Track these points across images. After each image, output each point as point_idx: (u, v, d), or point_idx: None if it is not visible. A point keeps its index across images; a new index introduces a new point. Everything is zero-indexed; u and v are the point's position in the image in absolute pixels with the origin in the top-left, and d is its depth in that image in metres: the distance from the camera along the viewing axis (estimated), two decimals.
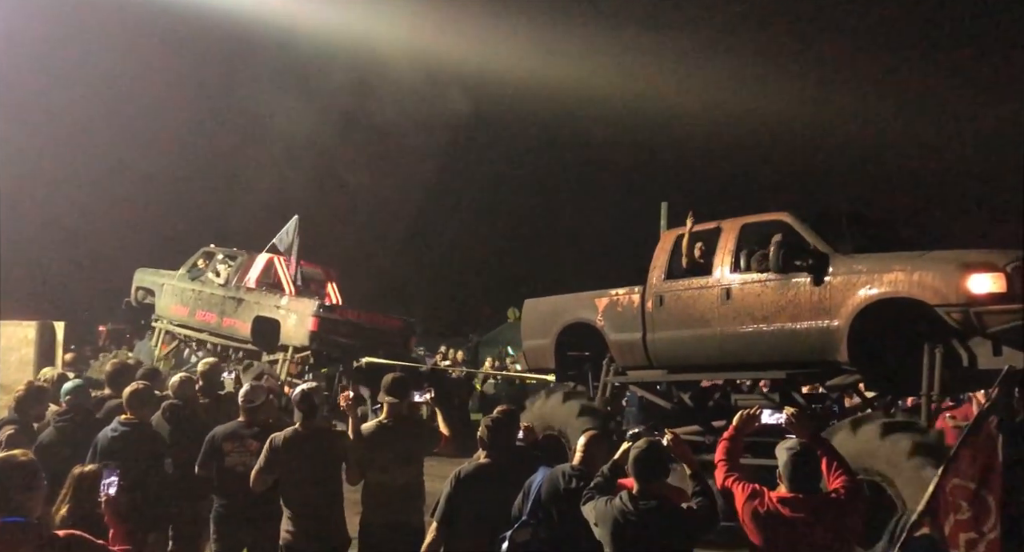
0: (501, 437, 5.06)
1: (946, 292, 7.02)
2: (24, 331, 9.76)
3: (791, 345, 7.99)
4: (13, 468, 3.38)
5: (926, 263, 7.29)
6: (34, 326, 9.81)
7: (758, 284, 8.22)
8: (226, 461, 5.75)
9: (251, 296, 14.68)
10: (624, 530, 4.20)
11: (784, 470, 4.26)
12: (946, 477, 4.25)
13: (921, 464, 6.54)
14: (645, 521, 4.19)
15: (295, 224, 14.30)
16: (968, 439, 4.32)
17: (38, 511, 3.40)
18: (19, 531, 3.26)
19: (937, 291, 7.07)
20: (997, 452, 4.22)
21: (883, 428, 6.93)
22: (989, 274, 6.91)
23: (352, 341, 13.96)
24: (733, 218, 8.81)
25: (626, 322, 9.32)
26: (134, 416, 5.95)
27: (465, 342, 19.89)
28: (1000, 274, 6.87)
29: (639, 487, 4.30)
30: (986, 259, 7.06)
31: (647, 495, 4.26)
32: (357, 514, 5.52)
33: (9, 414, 6.73)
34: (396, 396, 5.56)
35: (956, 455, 4.30)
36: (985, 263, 7.00)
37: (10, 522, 3.26)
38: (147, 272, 17.24)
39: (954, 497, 4.24)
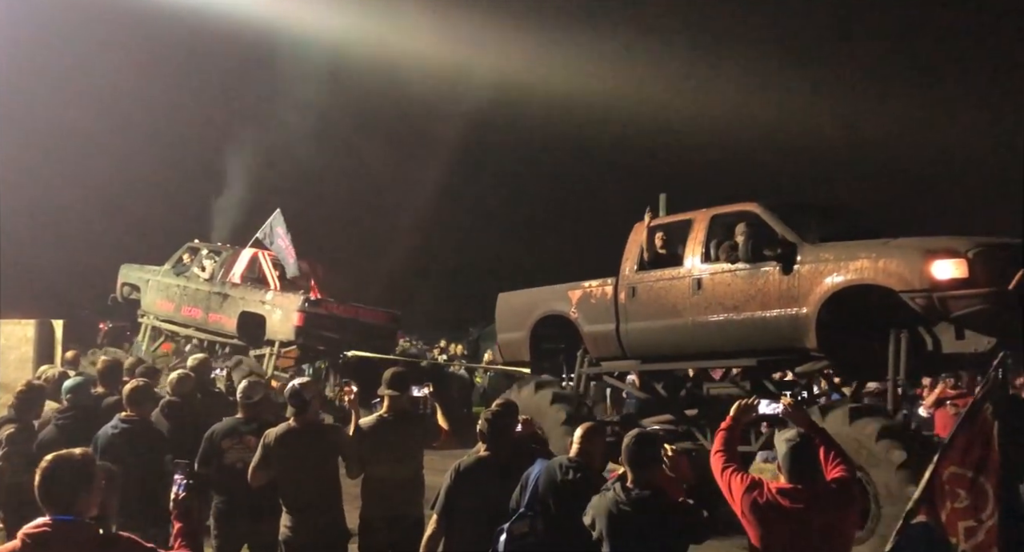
0: (500, 430, 5.11)
1: (910, 278, 7.24)
2: (23, 329, 9.59)
3: (761, 333, 8.18)
4: (69, 466, 3.33)
5: (891, 250, 7.52)
6: (33, 324, 9.65)
7: (728, 274, 8.41)
8: (225, 458, 5.74)
9: (236, 291, 14.64)
10: (618, 520, 4.22)
11: (783, 461, 4.23)
12: (942, 464, 4.28)
13: (888, 447, 6.78)
14: (639, 510, 4.21)
15: (279, 217, 14.22)
16: (964, 426, 4.34)
17: (92, 510, 3.35)
18: (71, 530, 3.23)
19: (902, 277, 7.29)
20: (993, 439, 4.23)
21: (851, 413, 7.15)
22: (951, 260, 7.13)
23: (338, 335, 13.97)
24: (703, 209, 8.99)
25: (599, 313, 9.45)
26: (134, 413, 5.91)
27: (465, 336, 19.88)
28: (962, 260, 7.09)
29: (632, 476, 4.32)
30: (948, 245, 7.30)
31: (640, 484, 4.28)
32: (357, 508, 5.56)
33: (8, 413, 6.65)
34: (396, 390, 5.60)
35: (952, 442, 4.33)
36: (947, 249, 7.22)
37: (62, 520, 3.22)
38: (132, 268, 17.09)
39: (951, 485, 4.25)
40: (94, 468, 3.43)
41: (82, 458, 3.40)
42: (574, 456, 4.82)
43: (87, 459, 3.42)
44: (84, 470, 3.37)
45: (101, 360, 8.23)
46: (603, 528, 4.26)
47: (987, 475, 4.23)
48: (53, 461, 3.33)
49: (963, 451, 4.31)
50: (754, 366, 8.57)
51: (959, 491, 4.27)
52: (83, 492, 3.32)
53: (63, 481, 3.29)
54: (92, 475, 3.39)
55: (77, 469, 3.34)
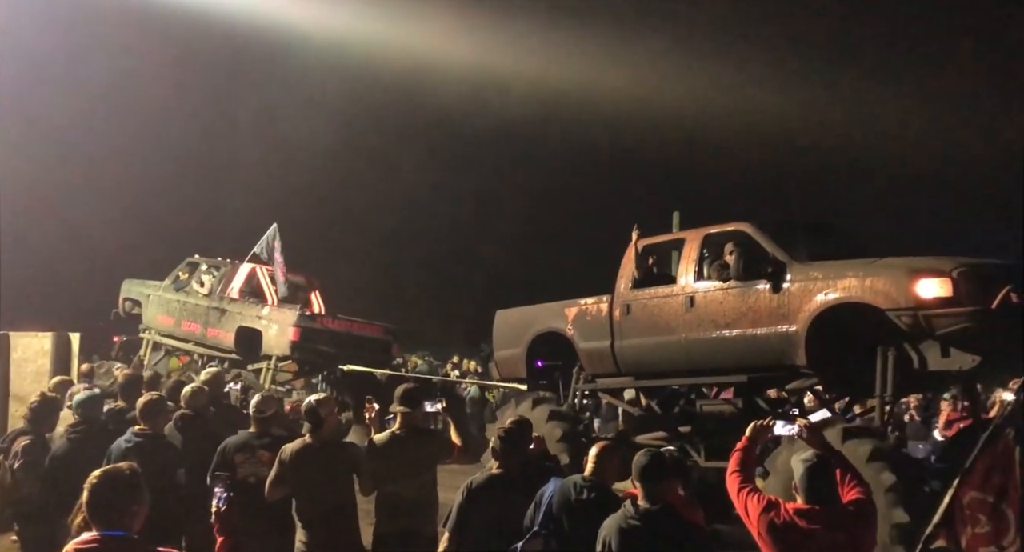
0: (513, 448, 5.21)
1: (896, 297, 7.42)
2: (40, 342, 9.62)
3: (752, 350, 8.35)
4: (118, 481, 3.35)
5: (878, 269, 7.70)
6: (50, 337, 9.69)
7: (720, 292, 8.59)
8: (238, 472, 5.81)
9: (234, 306, 14.73)
10: (628, 535, 4.29)
11: (800, 482, 4.28)
12: (962, 489, 4.26)
13: (878, 469, 6.85)
14: (648, 524, 4.29)
15: (274, 232, 14.34)
16: (984, 451, 4.32)
17: (138, 526, 3.36)
18: (120, 545, 3.25)
19: (888, 296, 7.47)
20: (1015, 464, 4.21)
21: (843, 433, 7.23)
22: (936, 279, 7.32)
23: (333, 349, 14.06)
24: (696, 229, 9.21)
25: (595, 330, 9.62)
26: (147, 427, 5.99)
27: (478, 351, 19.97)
28: (947, 279, 7.27)
29: (643, 493, 4.41)
30: (934, 265, 7.49)
31: (650, 500, 4.36)
32: (371, 524, 5.65)
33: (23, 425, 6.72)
34: (408, 406, 5.68)
35: (972, 467, 4.32)
36: (933, 269, 7.42)
37: (110, 535, 3.24)
38: (134, 283, 17.18)
39: (971, 510, 4.24)
40: (142, 483, 3.44)
41: (130, 473, 3.42)
42: (588, 475, 4.90)
43: (135, 474, 3.43)
44: (133, 485, 3.39)
45: (121, 374, 8.31)
46: (614, 544, 4.33)
47: (1008, 501, 4.20)
48: (103, 476, 3.36)
49: (983, 476, 4.30)
50: (745, 383, 8.74)
51: (980, 516, 4.26)
52: (132, 507, 3.34)
53: (113, 496, 3.31)
54: (141, 490, 3.41)
55: (127, 484, 3.36)
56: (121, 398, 7.28)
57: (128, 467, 3.48)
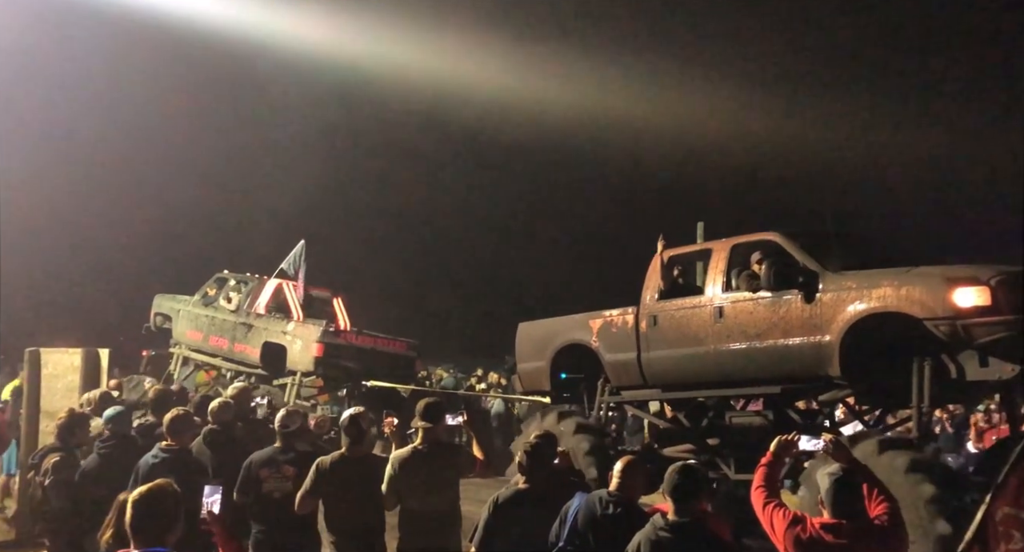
0: (539, 462, 5.13)
1: (933, 306, 7.28)
2: (70, 358, 9.69)
3: (784, 361, 8.21)
4: (161, 499, 3.41)
5: (913, 278, 7.56)
6: (79, 353, 9.76)
7: (750, 302, 8.44)
8: (263, 487, 5.80)
9: (260, 321, 14.83)
10: (660, 548, 4.21)
11: (826, 496, 4.24)
12: (995, 504, 4.18)
13: (917, 481, 6.72)
14: (679, 537, 4.21)
15: (302, 249, 14.43)
16: (1017, 466, 4.25)
17: (174, 541, 3.42)
18: None
19: (925, 305, 7.33)
20: None
21: (880, 445, 7.10)
22: (974, 288, 7.18)
23: (357, 365, 14.10)
24: (723, 239, 9.07)
25: (620, 342, 9.50)
26: (175, 442, 5.99)
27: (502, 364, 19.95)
28: (985, 287, 7.14)
29: (675, 508, 4.34)
30: (971, 273, 7.35)
31: (681, 514, 4.29)
32: (395, 539, 5.59)
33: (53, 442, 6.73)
34: (430, 421, 5.63)
35: (1004, 482, 4.24)
36: (970, 277, 7.28)
37: None
38: (164, 298, 17.40)
39: (1005, 526, 4.15)
40: (181, 501, 3.51)
41: (172, 491, 3.48)
42: (614, 490, 4.84)
43: (176, 491, 3.50)
44: (175, 502, 3.45)
45: (153, 389, 8.33)
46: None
47: None
48: (147, 494, 3.42)
49: (1016, 492, 4.21)
50: (778, 394, 8.58)
51: (1014, 533, 4.18)
52: (174, 524, 3.41)
53: (157, 514, 3.37)
54: (181, 507, 3.48)
55: (170, 502, 3.43)
56: (152, 413, 7.29)
57: (168, 484, 3.53)
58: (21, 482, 9.33)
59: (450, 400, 13.66)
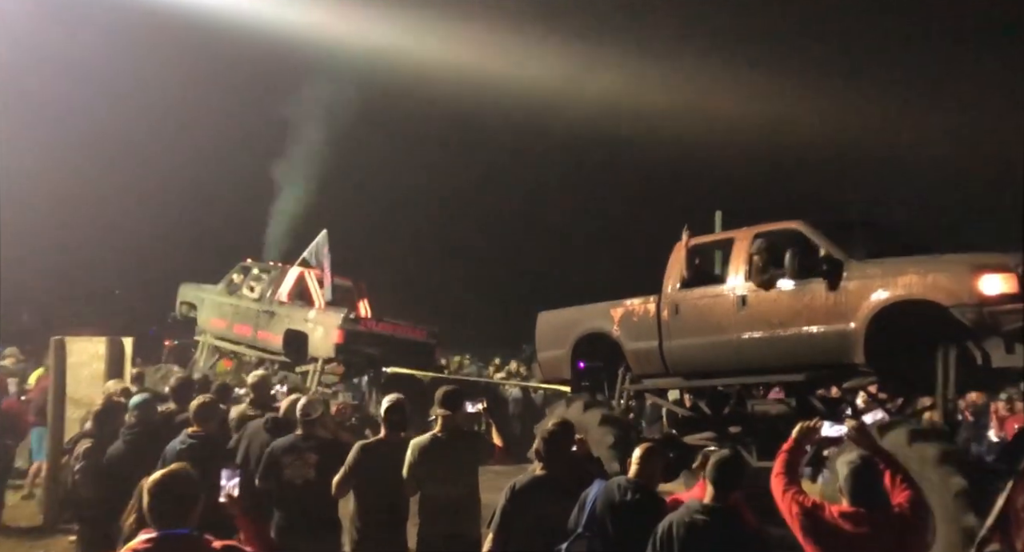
0: (557, 449, 5.13)
1: (960, 293, 7.23)
2: (94, 347, 9.83)
3: (808, 348, 8.16)
4: (178, 482, 3.46)
5: (939, 265, 7.52)
6: (104, 342, 9.90)
7: (774, 291, 8.42)
8: (285, 474, 5.85)
9: (282, 309, 14.95)
10: (696, 529, 4.18)
11: (845, 484, 4.19)
12: (1016, 491, 4.13)
13: (947, 473, 6.65)
14: (716, 520, 4.19)
15: (324, 238, 14.53)
16: None
17: (195, 523, 3.46)
18: (184, 543, 3.35)
19: (951, 292, 7.28)
20: None
21: (910, 435, 7.01)
22: (1001, 275, 7.13)
23: (377, 352, 14.19)
24: (746, 227, 9.00)
25: (642, 331, 9.47)
26: (201, 429, 6.05)
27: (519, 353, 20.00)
28: (1012, 275, 7.09)
29: (714, 494, 4.31)
30: (998, 261, 7.28)
31: (719, 500, 4.27)
32: (415, 525, 5.64)
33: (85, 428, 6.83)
34: (449, 408, 5.66)
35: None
36: (997, 264, 7.22)
37: (175, 534, 3.34)
38: (190, 287, 17.61)
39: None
40: (197, 482, 3.55)
41: (187, 473, 3.53)
42: (632, 476, 4.85)
43: (191, 474, 3.54)
44: (192, 484, 3.50)
45: (175, 377, 8.43)
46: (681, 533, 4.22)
47: None
48: (164, 478, 3.47)
49: None
50: (801, 381, 8.52)
51: None
52: (192, 506, 3.44)
53: (174, 497, 3.42)
54: (198, 489, 3.52)
55: (186, 484, 3.48)
56: (173, 401, 7.34)
57: (183, 467, 3.59)
58: (49, 468, 9.48)
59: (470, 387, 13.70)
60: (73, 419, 8.97)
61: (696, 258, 9.43)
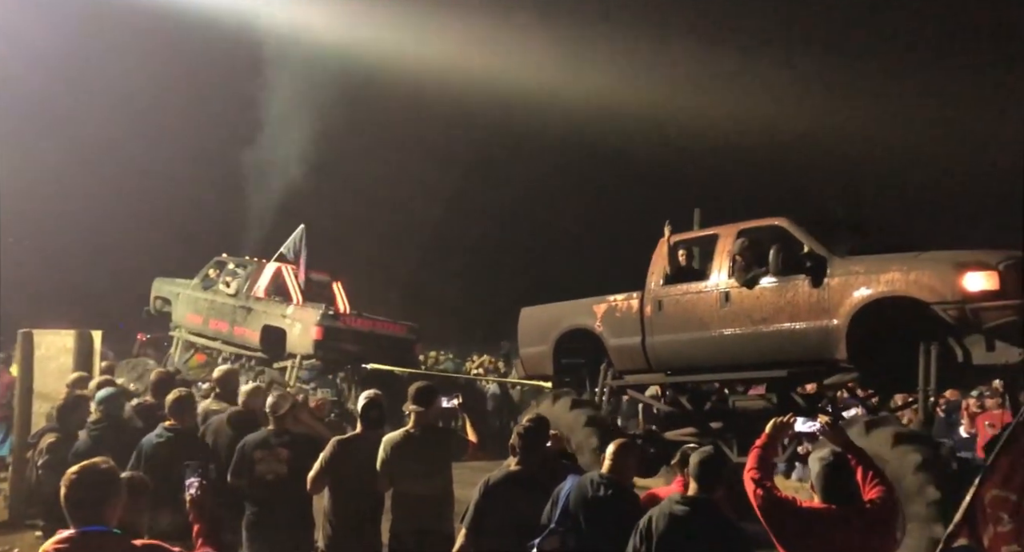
0: (531, 445, 5.07)
1: (942, 290, 7.23)
2: (62, 340, 9.61)
3: (791, 345, 8.14)
4: (94, 476, 3.31)
5: (922, 263, 7.51)
6: (72, 335, 9.69)
7: (757, 287, 8.37)
8: (256, 470, 5.79)
9: (259, 305, 14.82)
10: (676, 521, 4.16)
11: (816, 480, 4.17)
12: (984, 487, 4.15)
13: (926, 481, 6.62)
14: (696, 511, 4.17)
15: (301, 233, 14.41)
16: (1006, 448, 4.21)
17: (116, 521, 3.33)
18: (100, 540, 3.22)
19: (933, 289, 7.28)
20: None
21: (895, 437, 6.93)
22: (983, 272, 7.15)
23: (357, 348, 14.06)
24: (730, 224, 8.95)
25: (625, 327, 9.41)
26: (177, 422, 5.96)
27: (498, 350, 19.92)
28: (994, 272, 7.10)
29: (696, 487, 4.28)
30: (980, 258, 7.31)
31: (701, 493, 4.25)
32: (387, 521, 5.58)
33: (50, 422, 6.69)
34: (422, 404, 5.58)
35: (994, 465, 4.20)
36: (979, 262, 7.24)
37: (91, 531, 3.20)
38: (164, 281, 17.39)
39: (993, 508, 4.12)
40: (118, 477, 3.42)
41: (106, 467, 3.38)
42: (606, 472, 4.80)
43: (111, 468, 3.40)
44: (109, 479, 3.35)
45: (155, 372, 8.29)
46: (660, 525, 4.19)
47: None
48: (78, 472, 3.33)
49: (1006, 474, 4.18)
50: (783, 378, 8.47)
51: (1002, 515, 4.14)
52: (109, 501, 3.30)
53: (89, 491, 3.28)
54: (117, 484, 3.38)
55: (102, 479, 3.33)
56: (153, 395, 7.22)
57: (103, 461, 3.43)
58: (15, 463, 9.30)
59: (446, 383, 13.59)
60: (40, 413, 8.79)
61: (680, 254, 9.39)
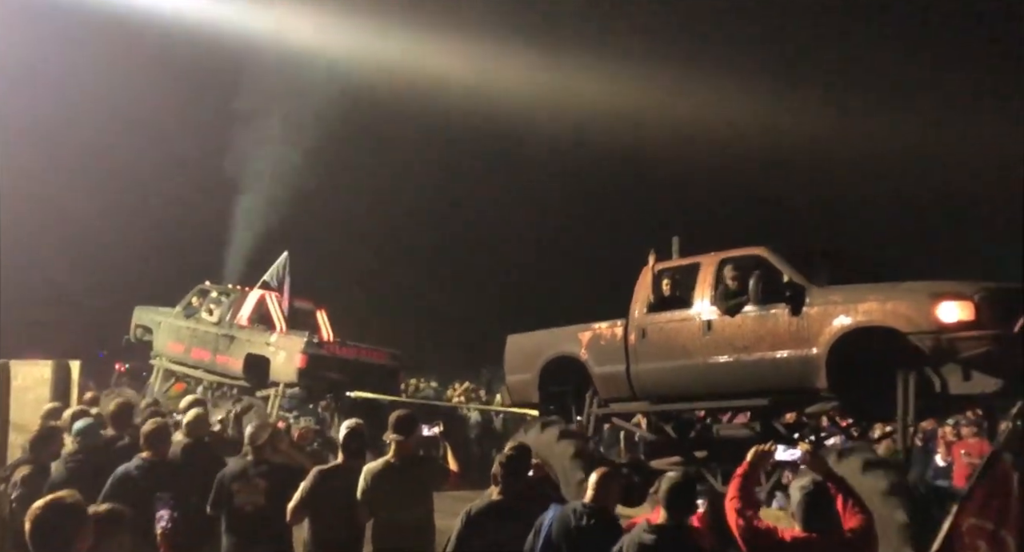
0: (513, 474, 5.12)
1: (918, 320, 7.34)
2: (40, 370, 9.54)
3: (772, 373, 8.23)
4: (59, 510, 3.29)
5: (899, 293, 7.63)
6: (50, 365, 9.63)
7: (738, 316, 8.49)
8: (235, 501, 5.77)
9: (243, 333, 14.76)
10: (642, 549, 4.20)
11: (797, 509, 4.22)
12: (961, 516, 4.17)
13: (894, 506, 6.70)
14: (662, 539, 4.21)
15: (285, 261, 14.41)
16: (983, 477, 4.25)
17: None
18: None
19: (910, 319, 7.38)
20: (1013, 490, 4.14)
21: (864, 464, 7.02)
22: (958, 302, 7.24)
23: (341, 376, 14.00)
24: (711, 253, 9.09)
25: (610, 355, 9.50)
26: (153, 454, 5.95)
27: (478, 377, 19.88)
28: (969, 302, 7.20)
29: (665, 514, 4.34)
30: (955, 289, 7.41)
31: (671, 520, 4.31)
32: None
33: (24, 454, 6.68)
34: (402, 433, 5.59)
35: (971, 494, 4.24)
36: (955, 292, 7.34)
37: None
38: (145, 310, 17.26)
39: (971, 537, 4.15)
40: (85, 511, 3.39)
41: (72, 501, 3.36)
42: (588, 501, 4.83)
43: (77, 502, 3.38)
44: (75, 513, 3.33)
45: (113, 402, 8.18)
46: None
47: (1008, 527, 4.12)
48: (43, 507, 3.30)
49: (983, 502, 4.22)
50: (765, 406, 8.57)
51: (979, 543, 4.17)
52: (77, 536, 3.27)
53: (55, 526, 3.25)
54: (84, 518, 3.35)
55: (68, 513, 3.30)
56: (112, 426, 7.13)
57: (69, 495, 3.42)
58: None
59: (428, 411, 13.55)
60: (16, 445, 8.70)
61: (664, 282, 9.52)
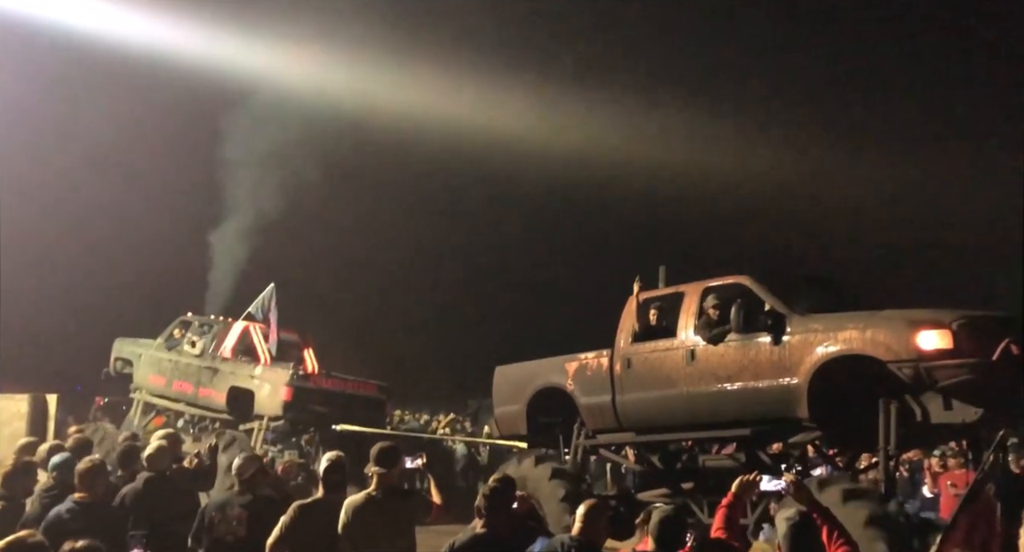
0: (498, 506, 5.11)
1: (897, 348, 7.40)
2: (16, 404, 9.52)
3: (754, 403, 8.27)
4: (22, 550, 3.30)
5: (878, 321, 7.68)
6: (27, 399, 9.58)
7: (721, 345, 8.55)
8: (215, 532, 5.74)
9: (226, 366, 14.53)
10: None
11: (783, 541, 4.23)
12: (945, 546, 4.23)
13: (873, 537, 6.67)
14: None
15: (271, 292, 14.28)
16: (966, 507, 4.31)
17: None
18: None
19: (889, 348, 7.45)
20: (996, 519, 4.19)
21: (844, 494, 7.03)
22: (937, 331, 7.31)
23: (327, 409, 13.82)
24: (695, 282, 9.18)
25: (596, 385, 9.53)
26: (87, 494, 5.85)
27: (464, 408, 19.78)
28: (947, 330, 7.26)
29: (654, 548, 4.35)
30: (934, 317, 7.48)
31: None
32: None
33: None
34: (384, 466, 5.56)
35: (954, 523, 4.30)
36: (933, 321, 7.41)
37: None
38: (126, 342, 16.97)
39: None
40: (46, 549, 3.37)
41: (32, 542, 3.36)
42: (576, 534, 4.82)
43: (38, 543, 3.37)
44: None
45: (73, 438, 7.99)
46: None
47: None
48: (5, 547, 3.30)
49: (966, 533, 4.25)
50: (748, 437, 8.61)
51: None
52: None
53: None
54: None
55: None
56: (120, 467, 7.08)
57: (29, 535, 3.44)
58: None
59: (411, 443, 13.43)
60: None
61: (650, 312, 9.58)
